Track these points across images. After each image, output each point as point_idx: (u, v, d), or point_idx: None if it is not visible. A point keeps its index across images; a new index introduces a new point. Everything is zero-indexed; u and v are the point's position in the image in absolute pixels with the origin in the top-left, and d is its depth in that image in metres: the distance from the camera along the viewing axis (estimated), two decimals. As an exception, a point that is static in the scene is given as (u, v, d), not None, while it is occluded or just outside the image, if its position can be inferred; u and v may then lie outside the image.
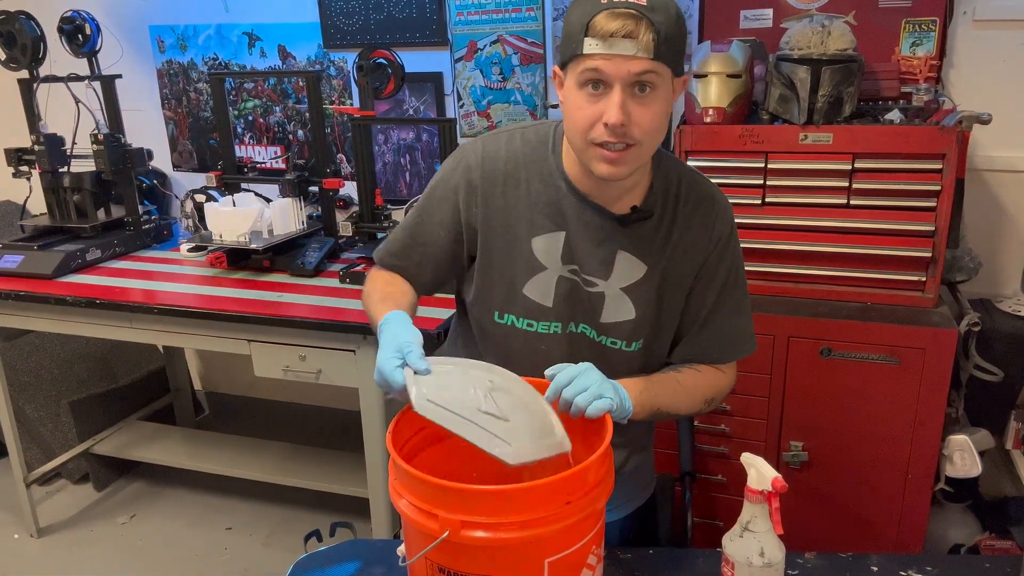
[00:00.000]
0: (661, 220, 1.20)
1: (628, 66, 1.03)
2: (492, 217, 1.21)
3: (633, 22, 1.01)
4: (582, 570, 0.98)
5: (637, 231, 1.19)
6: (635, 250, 1.20)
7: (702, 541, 2.15)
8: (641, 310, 1.21)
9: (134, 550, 2.71)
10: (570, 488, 0.92)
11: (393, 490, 0.99)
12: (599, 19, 1.02)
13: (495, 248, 1.22)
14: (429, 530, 0.91)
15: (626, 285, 1.20)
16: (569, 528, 0.92)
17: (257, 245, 2.33)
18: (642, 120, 1.06)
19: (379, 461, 2.13)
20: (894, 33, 2.18)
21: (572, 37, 1.06)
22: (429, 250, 1.27)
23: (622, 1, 1.02)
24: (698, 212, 1.22)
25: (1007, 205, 2.28)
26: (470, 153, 1.23)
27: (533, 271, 1.21)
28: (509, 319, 1.24)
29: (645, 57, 1.02)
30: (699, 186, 1.23)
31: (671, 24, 1.04)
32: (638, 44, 1.01)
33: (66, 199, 2.63)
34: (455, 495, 0.91)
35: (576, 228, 1.19)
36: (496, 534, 0.89)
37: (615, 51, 1.02)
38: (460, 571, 0.93)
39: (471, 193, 1.21)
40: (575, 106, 1.09)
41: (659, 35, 1.02)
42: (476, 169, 1.21)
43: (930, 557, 1.26)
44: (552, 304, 1.21)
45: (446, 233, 1.24)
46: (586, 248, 1.20)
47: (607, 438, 0.99)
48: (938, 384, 1.89)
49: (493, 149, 1.22)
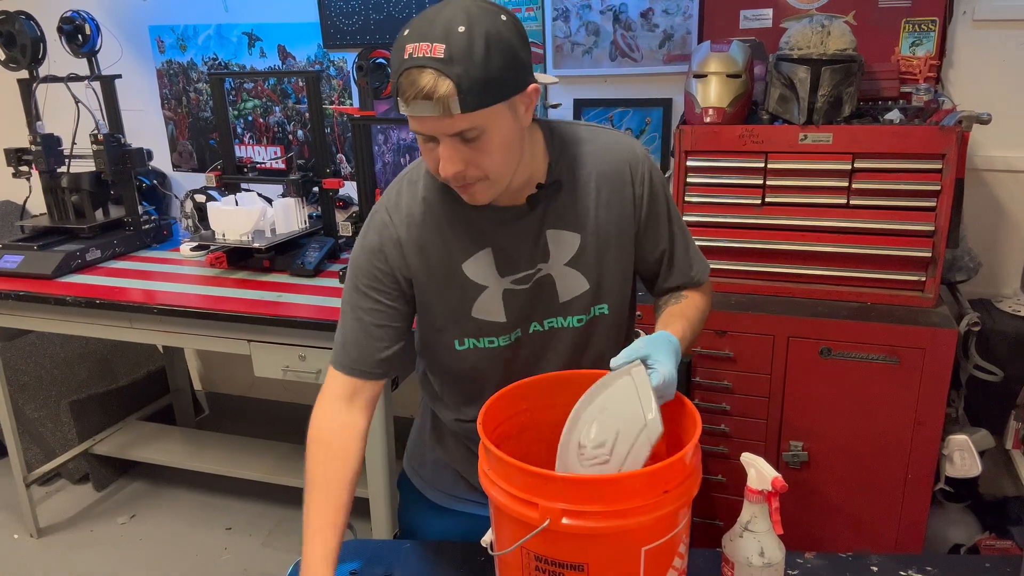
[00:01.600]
0: (574, 185, 1.19)
1: (440, 126, 1.01)
2: (420, 259, 1.19)
3: (432, 80, 0.97)
4: (674, 558, 0.99)
5: (555, 205, 1.19)
6: (560, 223, 1.19)
7: (702, 541, 2.14)
8: (592, 278, 1.22)
9: (134, 550, 2.71)
10: (667, 477, 0.94)
11: (486, 478, 1.00)
12: (401, 80, 0.99)
13: (430, 288, 1.21)
14: (527, 519, 0.92)
15: (568, 260, 1.21)
16: (665, 517, 0.94)
17: (260, 244, 2.34)
18: (480, 160, 1.05)
19: (379, 461, 2.13)
20: (894, 33, 2.18)
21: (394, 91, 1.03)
22: (384, 331, 1.21)
23: (420, 57, 0.97)
24: (608, 162, 1.21)
25: (1007, 205, 2.28)
26: (380, 207, 1.21)
27: (474, 294, 1.20)
28: (470, 343, 1.23)
29: (452, 115, 0.99)
30: (600, 138, 1.22)
31: (476, 69, 0.98)
32: (439, 105, 0.98)
33: (65, 199, 2.63)
34: (557, 484, 0.92)
35: (497, 237, 1.19)
36: (596, 523, 0.91)
37: (419, 114, 1.00)
38: (557, 559, 0.94)
39: (396, 247, 1.19)
40: (423, 152, 1.09)
41: (461, 88, 0.97)
42: (391, 219, 1.20)
43: (930, 557, 1.26)
44: (506, 318, 1.21)
45: (390, 301, 1.21)
46: (515, 249, 1.19)
47: (698, 428, 1.00)
48: (938, 384, 1.89)
49: (396, 199, 1.21)
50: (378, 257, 1.19)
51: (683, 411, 1.08)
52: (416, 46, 0.98)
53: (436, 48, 0.97)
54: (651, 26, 2.42)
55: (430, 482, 1.45)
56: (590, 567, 0.94)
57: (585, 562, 0.94)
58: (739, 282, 2.09)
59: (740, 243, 2.04)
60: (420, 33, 0.99)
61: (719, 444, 2.13)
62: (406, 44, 0.99)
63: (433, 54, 0.97)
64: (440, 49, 0.97)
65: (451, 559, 1.29)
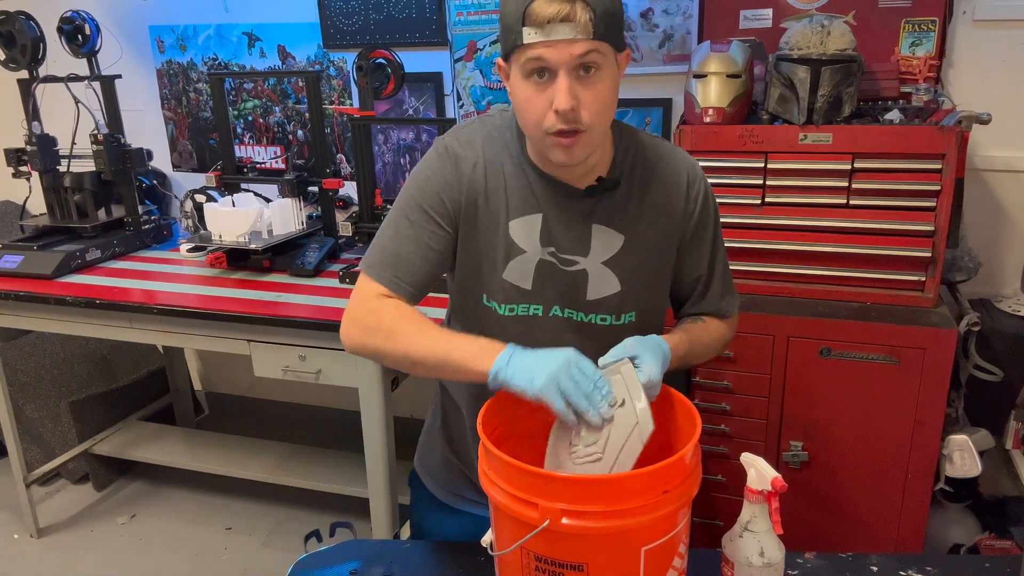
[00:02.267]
0: (630, 188, 1.21)
1: (570, 50, 1.03)
2: (476, 201, 1.20)
3: (568, 5, 1.01)
4: (673, 558, 0.99)
5: (608, 203, 1.20)
6: (609, 221, 1.20)
7: (702, 541, 2.14)
8: (626, 281, 1.22)
9: (134, 550, 2.71)
10: (667, 477, 0.94)
11: (485, 478, 1.00)
12: (535, 6, 1.02)
13: (477, 233, 1.21)
14: (527, 519, 0.92)
15: (607, 259, 1.21)
16: (665, 517, 0.94)
17: (256, 245, 2.33)
18: (591, 102, 1.07)
19: (379, 461, 2.13)
20: (894, 33, 2.18)
21: (510, 28, 1.06)
22: (434, 258, 1.21)
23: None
24: (667, 173, 1.22)
25: (1007, 205, 2.28)
26: (452, 143, 1.22)
27: (511, 255, 1.20)
28: (493, 304, 1.23)
29: (585, 38, 1.03)
30: (662, 148, 1.24)
31: (607, 1, 1.04)
32: (576, 26, 1.02)
33: (66, 199, 2.63)
34: (557, 484, 0.92)
35: (549, 209, 1.19)
36: (595, 523, 0.91)
37: (555, 37, 1.02)
38: (557, 559, 0.94)
39: (462, 182, 1.20)
40: (524, 98, 1.09)
41: (596, 14, 1.02)
42: (461, 157, 1.20)
43: (930, 557, 1.26)
44: (531, 287, 1.21)
45: (448, 228, 1.21)
46: (561, 227, 1.20)
47: (698, 428, 1.01)
48: (938, 384, 1.89)
49: (469, 136, 1.22)
50: (450, 185, 1.19)
51: (683, 411, 1.09)
52: None
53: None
54: (651, 26, 2.43)
55: (439, 481, 1.45)
56: (590, 567, 0.94)
57: (585, 562, 0.94)
58: (739, 282, 2.06)
59: (740, 243, 2.04)
60: None
61: (719, 444, 2.13)
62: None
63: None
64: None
65: (451, 559, 1.29)
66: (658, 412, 1.11)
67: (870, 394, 1.95)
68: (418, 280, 1.20)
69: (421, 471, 1.50)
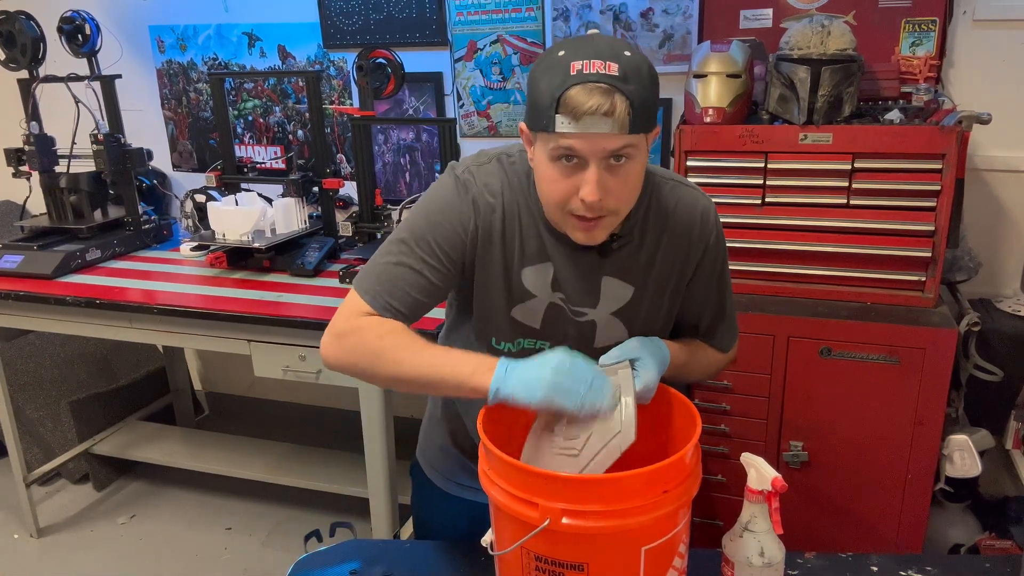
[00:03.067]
0: (643, 239, 1.19)
1: (603, 143, 1.00)
2: (490, 248, 1.18)
3: (608, 98, 0.96)
4: (673, 558, 1.00)
5: (619, 255, 1.18)
6: (619, 274, 1.19)
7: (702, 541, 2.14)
8: (632, 330, 1.21)
9: (134, 550, 2.71)
10: (667, 477, 0.94)
11: (485, 478, 1.00)
12: (571, 95, 0.97)
13: (490, 278, 1.20)
14: (527, 519, 0.92)
15: (616, 309, 1.20)
16: (665, 516, 0.94)
17: (260, 244, 2.33)
18: (618, 190, 1.04)
19: (379, 461, 2.13)
20: (894, 33, 2.18)
21: (542, 110, 1.00)
22: (429, 291, 1.17)
23: (594, 74, 0.97)
24: (681, 221, 1.20)
25: (1007, 205, 2.28)
26: (471, 182, 1.17)
27: (523, 299, 1.20)
28: (505, 345, 1.23)
29: (621, 133, 0.99)
30: (679, 191, 1.21)
31: (645, 90, 1.00)
32: (614, 122, 0.97)
33: (63, 200, 2.62)
34: (557, 484, 0.92)
35: (559, 261, 1.18)
36: (596, 523, 0.91)
37: (590, 130, 0.98)
38: (557, 559, 0.95)
39: (478, 225, 1.16)
40: (548, 179, 1.06)
41: (634, 107, 0.98)
42: (480, 202, 1.16)
43: (930, 557, 1.26)
44: (540, 326, 1.21)
45: (451, 267, 1.17)
46: (571, 280, 1.19)
47: (698, 428, 1.01)
48: (938, 384, 1.89)
49: (488, 179, 1.18)
50: (464, 226, 1.15)
51: (683, 411, 1.09)
52: (587, 63, 0.97)
53: (611, 66, 0.97)
54: (651, 26, 2.43)
55: (438, 468, 1.45)
56: (590, 567, 0.94)
57: (585, 562, 0.94)
58: (739, 282, 2.09)
59: (740, 243, 2.04)
60: (586, 52, 0.98)
61: (719, 444, 2.13)
62: (570, 61, 0.98)
63: (609, 71, 0.97)
64: (615, 68, 0.97)
65: (451, 559, 1.29)
66: (658, 412, 1.11)
67: (870, 394, 1.95)
68: (410, 310, 1.17)
69: (422, 460, 1.50)
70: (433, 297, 1.18)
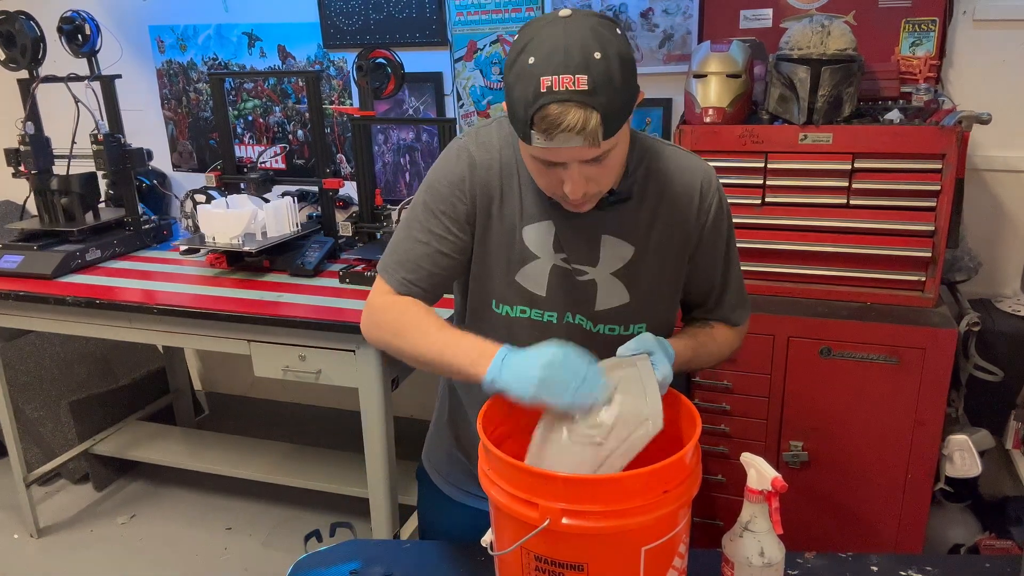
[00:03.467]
0: (642, 199, 1.19)
1: (578, 154, 1.01)
2: (490, 206, 1.20)
3: (579, 115, 0.96)
4: (673, 558, 1.00)
5: (619, 214, 1.19)
6: (619, 232, 1.19)
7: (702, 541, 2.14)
8: (635, 293, 1.21)
9: (134, 550, 2.71)
10: (667, 477, 0.94)
11: (486, 478, 1.00)
12: (544, 115, 0.97)
13: (491, 237, 1.21)
14: (527, 519, 0.92)
15: (616, 269, 1.20)
16: (665, 516, 0.94)
17: (250, 247, 2.31)
18: (601, 177, 1.07)
19: (379, 461, 2.13)
20: (894, 33, 2.18)
21: (517, 121, 1.02)
22: (445, 262, 1.21)
23: (563, 91, 0.96)
24: (682, 183, 1.20)
25: (1007, 205, 2.28)
26: (469, 144, 1.20)
27: (525, 260, 1.20)
28: (504, 309, 1.23)
29: (594, 146, 1.00)
30: (678, 157, 1.22)
31: (615, 96, 0.98)
32: (585, 136, 0.98)
33: (54, 202, 2.60)
34: (557, 484, 0.92)
35: (559, 217, 1.19)
36: (596, 523, 0.91)
37: (563, 146, 0.99)
38: (557, 559, 0.94)
39: (475, 184, 1.19)
40: (533, 171, 1.09)
41: (606, 118, 0.98)
42: (477, 160, 1.19)
43: (930, 557, 1.26)
44: (546, 293, 1.21)
45: (460, 232, 1.20)
46: (571, 236, 1.19)
47: (698, 428, 1.01)
48: (938, 384, 1.89)
49: (486, 138, 1.20)
50: (460, 188, 1.18)
51: (683, 411, 1.09)
52: (556, 79, 0.96)
53: (579, 80, 0.96)
54: (651, 26, 2.43)
55: (444, 475, 1.45)
56: (590, 567, 0.94)
57: (585, 562, 0.94)
58: (739, 282, 2.09)
59: (740, 243, 2.02)
60: (555, 63, 0.97)
61: (719, 444, 2.13)
62: (540, 76, 0.97)
63: (577, 86, 0.96)
64: (583, 80, 0.96)
65: (451, 559, 1.29)
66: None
67: (870, 394, 1.95)
68: (429, 283, 1.21)
69: (428, 465, 1.50)
70: (448, 268, 1.21)
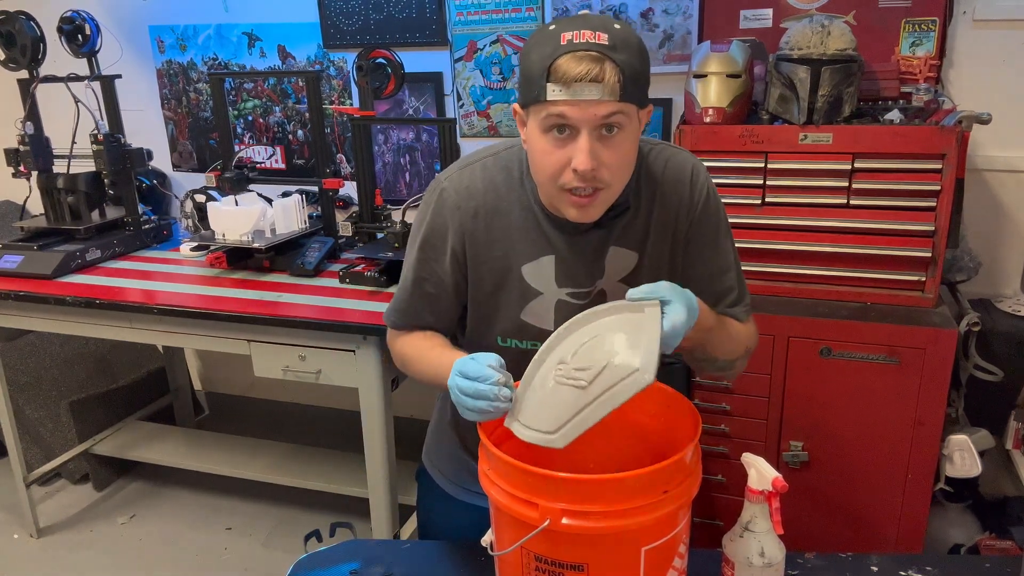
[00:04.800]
0: (639, 206, 1.20)
1: (594, 110, 1.01)
2: (480, 250, 1.20)
3: (597, 65, 0.98)
4: (673, 558, 0.99)
5: (620, 224, 1.19)
6: (623, 241, 1.20)
7: (702, 541, 2.14)
8: None
9: (134, 550, 2.71)
10: (667, 477, 0.94)
11: (485, 478, 1.00)
12: (561, 63, 0.99)
13: (486, 280, 1.21)
14: (527, 519, 0.92)
15: (623, 277, 1.21)
16: (665, 517, 0.94)
17: (260, 244, 2.33)
18: (611, 161, 1.05)
19: (379, 461, 2.13)
20: (894, 33, 2.18)
21: (533, 81, 1.03)
22: (442, 304, 1.26)
23: (583, 43, 0.99)
24: (672, 180, 1.21)
25: (1007, 205, 2.28)
26: (449, 192, 1.20)
27: (528, 298, 1.21)
28: (512, 343, 1.24)
29: (611, 100, 1.00)
30: (664, 153, 1.22)
31: (635, 60, 1.01)
32: (603, 88, 0.99)
33: (61, 200, 2.61)
34: (557, 484, 0.92)
35: (562, 249, 1.19)
36: (596, 523, 0.91)
37: (580, 96, 1.00)
38: (557, 559, 0.94)
39: (460, 231, 1.20)
40: (541, 151, 1.07)
41: (624, 75, 1.00)
42: (459, 206, 1.19)
43: (930, 557, 1.26)
44: (554, 327, 1.20)
45: (450, 278, 1.23)
46: (577, 264, 1.19)
47: (698, 428, 1.01)
48: (938, 384, 1.89)
49: (469, 183, 1.20)
50: (440, 236, 1.21)
51: (683, 411, 1.09)
52: (577, 33, 1.00)
53: (600, 36, 1.00)
54: (651, 26, 2.43)
55: (446, 474, 1.45)
56: (590, 567, 0.94)
57: (585, 562, 0.94)
58: (739, 282, 2.09)
59: (740, 243, 2.02)
60: (576, 24, 1.01)
61: (719, 444, 2.13)
62: (561, 32, 1.01)
63: (598, 40, 0.99)
64: (604, 37, 1.00)
65: (451, 559, 1.29)
66: (658, 412, 1.11)
67: (870, 394, 1.95)
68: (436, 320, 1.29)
69: (429, 465, 1.50)
70: (450, 309, 1.27)
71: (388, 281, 2.23)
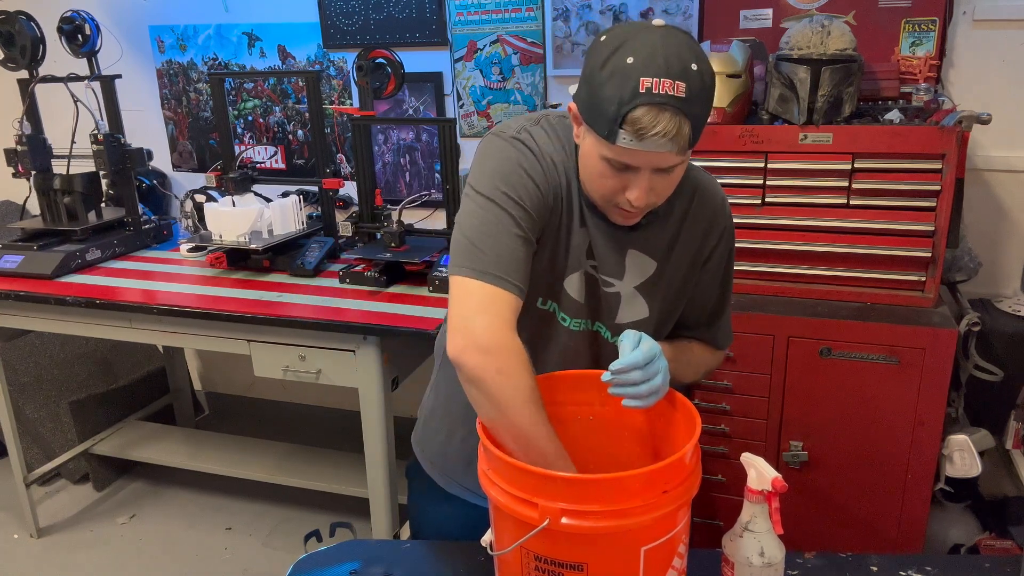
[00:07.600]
0: (667, 219, 1.21)
1: (660, 160, 1.01)
2: (551, 200, 1.15)
3: (674, 122, 0.97)
4: (673, 558, 1.00)
5: (644, 230, 1.20)
6: (645, 248, 1.21)
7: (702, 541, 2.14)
8: (653, 308, 1.23)
9: (134, 550, 2.71)
10: (667, 477, 0.94)
11: (485, 478, 1.00)
12: (637, 115, 0.96)
13: (548, 238, 1.17)
14: (526, 519, 0.92)
15: (639, 283, 1.22)
16: (665, 517, 0.94)
17: (257, 245, 2.33)
18: (664, 191, 1.08)
19: (379, 461, 2.13)
20: (894, 33, 2.18)
21: (605, 119, 0.99)
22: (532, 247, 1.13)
23: (663, 95, 0.96)
24: (701, 204, 1.23)
25: (1007, 205, 2.28)
26: (525, 136, 1.15)
27: (569, 266, 1.19)
28: (552, 306, 1.21)
29: (679, 152, 1.00)
30: (699, 178, 1.24)
31: (706, 110, 1.01)
32: (675, 143, 0.98)
33: (57, 201, 2.61)
34: (557, 484, 0.93)
35: (593, 227, 1.19)
36: (595, 523, 0.91)
37: (651, 149, 0.99)
38: (557, 559, 0.94)
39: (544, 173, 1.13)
40: (598, 173, 1.06)
41: (695, 128, 0.99)
42: (539, 151, 1.14)
43: (930, 557, 1.26)
44: (584, 300, 1.21)
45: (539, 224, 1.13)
46: (602, 247, 1.20)
47: (698, 428, 1.01)
48: (938, 384, 1.89)
49: (543, 138, 1.16)
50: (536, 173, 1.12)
51: (683, 411, 1.09)
52: (656, 81, 0.96)
53: (679, 87, 0.96)
54: (651, 26, 2.42)
55: (440, 467, 1.44)
56: (590, 567, 0.94)
57: (585, 562, 0.94)
58: (739, 282, 2.09)
59: (740, 243, 2.02)
60: (656, 66, 0.96)
61: (719, 444, 2.13)
62: (640, 76, 0.96)
63: (676, 93, 0.96)
64: (682, 88, 0.96)
65: (450, 559, 1.29)
66: (658, 412, 1.11)
67: (870, 394, 1.95)
68: (525, 276, 1.10)
69: (422, 457, 1.48)
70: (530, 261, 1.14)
71: (388, 281, 2.23)
